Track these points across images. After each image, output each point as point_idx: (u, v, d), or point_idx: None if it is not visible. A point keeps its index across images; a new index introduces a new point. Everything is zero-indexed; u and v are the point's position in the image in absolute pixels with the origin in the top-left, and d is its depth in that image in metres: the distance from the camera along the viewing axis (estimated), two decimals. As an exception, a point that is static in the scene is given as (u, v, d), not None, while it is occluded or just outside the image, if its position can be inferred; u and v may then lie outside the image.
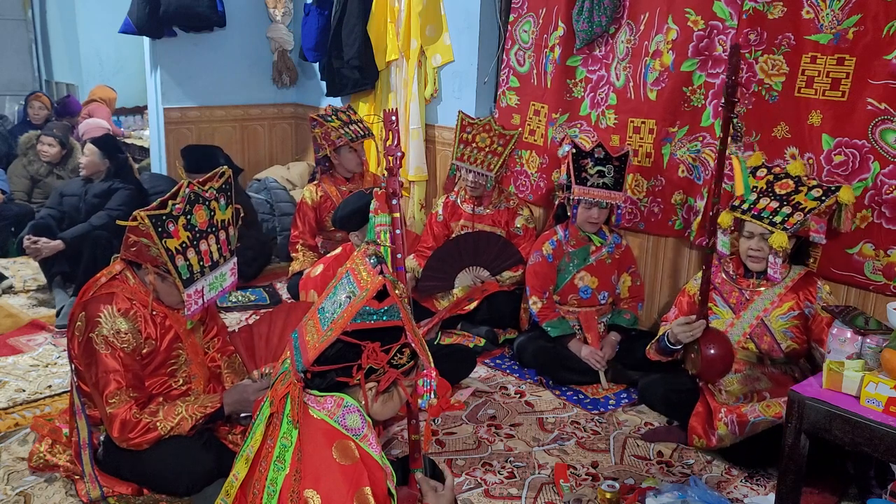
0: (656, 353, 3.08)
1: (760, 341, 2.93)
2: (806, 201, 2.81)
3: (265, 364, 2.82)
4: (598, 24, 3.75)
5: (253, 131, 5.97)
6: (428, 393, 1.67)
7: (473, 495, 2.56)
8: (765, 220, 2.84)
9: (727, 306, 3.00)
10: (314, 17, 5.33)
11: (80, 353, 2.35)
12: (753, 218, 2.86)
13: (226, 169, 2.45)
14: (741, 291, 2.99)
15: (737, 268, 3.02)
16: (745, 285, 2.98)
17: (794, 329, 2.88)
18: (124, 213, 4.09)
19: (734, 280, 3.02)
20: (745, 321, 2.94)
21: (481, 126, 3.97)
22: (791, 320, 2.88)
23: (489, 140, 3.96)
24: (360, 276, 1.66)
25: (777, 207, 2.84)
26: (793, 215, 2.80)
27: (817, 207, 2.79)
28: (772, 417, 2.66)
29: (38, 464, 2.57)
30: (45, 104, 6.57)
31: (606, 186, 3.41)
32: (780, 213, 2.82)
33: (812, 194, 2.83)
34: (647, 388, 3.21)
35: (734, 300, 3.00)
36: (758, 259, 2.89)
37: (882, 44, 2.91)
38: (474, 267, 3.92)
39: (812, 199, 2.81)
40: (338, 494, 1.55)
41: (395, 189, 2.13)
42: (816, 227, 2.82)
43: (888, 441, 1.92)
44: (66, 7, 8.26)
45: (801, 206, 2.81)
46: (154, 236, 2.20)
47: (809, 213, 2.79)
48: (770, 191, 2.90)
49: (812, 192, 2.83)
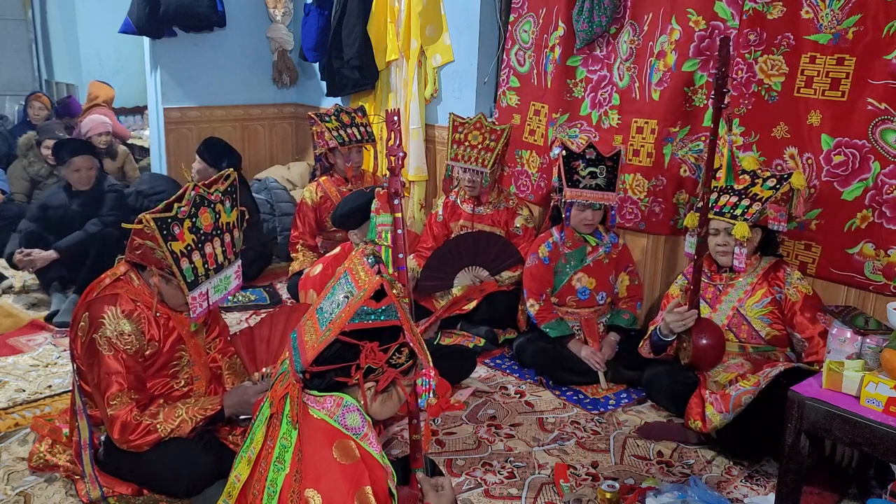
0: (649, 350, 3.18)
1: (739, 331, 3.02)
2: (762, 191, 2.95)
3: (265, 366, 2.82)
4: (598, 24, 3.75)
5: (253, 131, 5.98)
6: (427, 392, 1.67)
7: (473, 495, 2.56)
8: (726, 214, 2.96)
9: (704, 302, 3.10)
10: (314, 17, 5.33)
11: (82, 353, 2.35)
12: (716, 215, 2.98)
13: (231, 172, 2.45)
14: (715, 286, 3.11)
15: (709, 265, 3.13)
16: (719, 280, 3.10)
17: (770, 315, 2.98)
18: (117, 216, 4.09)
19: (708, 277, 3.13)
20: (721, 313, 3.04)
21: (472, 124, 3.96)
22: (766, 307, 2.99)
23: (481, 137, 3.94)
24: (358, 276, 1.66)
25: (736, 201, 2.97)
26: (751, 206, 2.92)
27: (773, 195, 2.92)
28: (751, 387, 2.70)
29: (38, 464, 2.57)
30: (45, 104, 6.56)
31: (599, 188, 3.40)
32: (740, 206, 2.95)
33: (767, 184, 2.96)
34: (651, 380, 3.21)
35: (710, 295, 3.10)
36: (725, 253, 3.00)
37: (882, 44, 2.91)
38: (473, 267, 3.92)
39: (767, 188, 2.95)
40: (338, 494, 1.55)
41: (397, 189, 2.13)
42: (776, 214, 2.95)
43: (888, 441, 1.92)
44: (66, 7, 8.26)
45: (757, 196, 2.94)
46: (159, 239, 2.20)
47: (766, 202, 2.92)
48: (728, 188, 3.02)
49: (767, 182, 2.97)
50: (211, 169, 4.48)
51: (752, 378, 2.74)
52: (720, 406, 2.77)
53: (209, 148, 4.58)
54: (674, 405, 3.10)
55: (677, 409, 3.06)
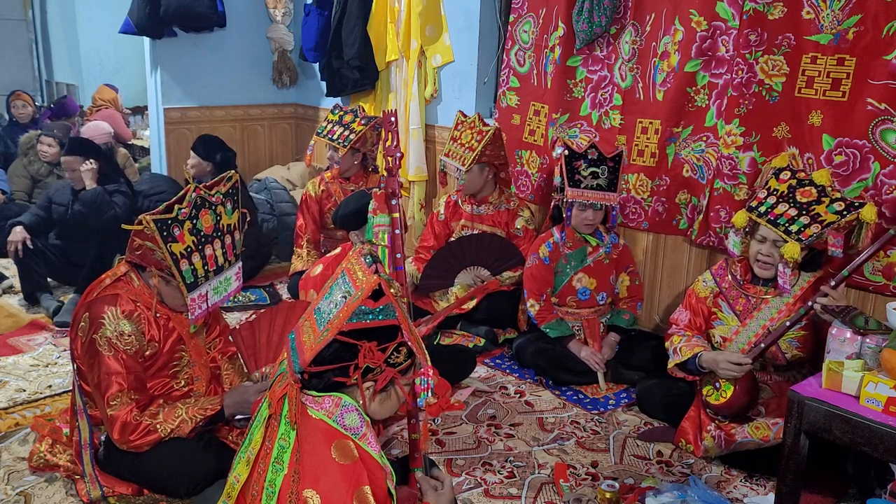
0: (680, 372, 2.97)
1: None
2: (826, 214, 2.66)
3: (266, 363, 2.82)
4: (598, 25, 3.75)
5: (253, 131, 5.98)
6: (425, 391, 1.67)
7: (473, 495, 2.56)
8: (780, 226, 2.71)
9: (733, 313, 2.91)
10: (314, 18, 5.33)
11: (82, 353, 2.34)
12: (769, 223, 2.73)
13: (233, 174, 2.44)
14: (748, 298, 2.88)
15: (744, 273, 2.91)
16: (752, 292, 2.88)
17: (800, 339, 2.80)
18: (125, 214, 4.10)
19: (741, 285, 2.91)
20: (750, 329, 2.85)
21: (468, 123, 3.96)
22: (798, 331, 2.78)
23: (470, 136, 3.90)
24: (356, 276, 1.66)
25: (795, 216, 2.70)
26: (810, 226, 2.66)
27: (837, 222, 2.65)
28: (759, 440, 2.68)
29: (38, 464, 2.57)
30: (27, 101, 6.51)
31: (600, 188, 3.40)
32: (798, 222, 2.68)
33: (833, 207, 2.67)
34: (644, 394, 3.20)
35: (740, 307, 2.89)
36: (767, 266, 2.78)
37: (882, 44, 2.91)
38: (475, 267, 3.92)
39: (833, 212, 2.66)
40: (337, 494, 1.55)
41: (394, 189, 2.13)
42: (834, 241, 2.68)
43: (888, 441, 1.92)
44: (66, 7, 8.27)
45: (820, 217, 2.66)
46: (159, 240, 2.19)
47: (827, 227, 2.65)
48: (791, 196, 2.74)
49: (834, 205, 2.67)
50: (204, 163, 4.51)
51: (763, 428, 2.68)
52: (721, 442, 2.75)
53: (203, 142, 4.61)
54: (668, 417, 3.07)
55: (673, 420, 3.02)
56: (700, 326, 3.00)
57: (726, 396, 2.75)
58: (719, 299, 2.96)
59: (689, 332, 2.97)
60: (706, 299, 2.98)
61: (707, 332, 2.99)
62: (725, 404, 2.76)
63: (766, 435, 2.66)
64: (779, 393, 2.79)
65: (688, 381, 3.00)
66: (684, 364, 2.89)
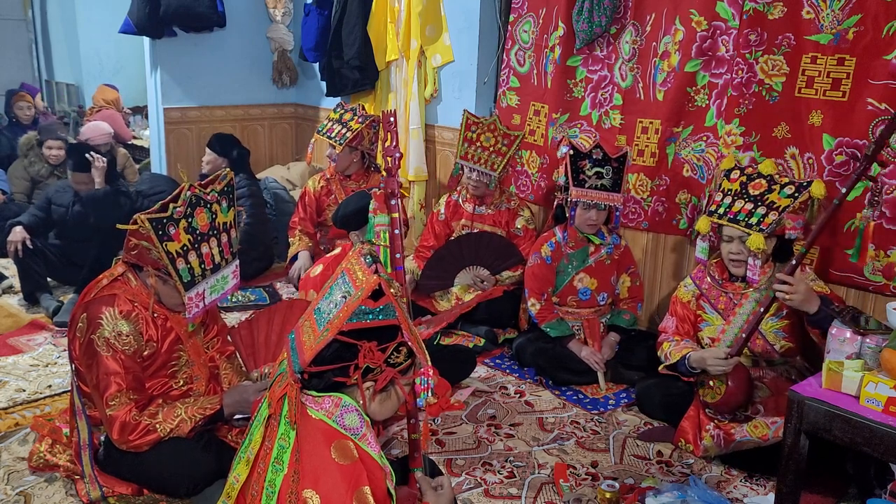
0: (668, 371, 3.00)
1: (753, 345, 2.90)
2: (779, 199, 2.77)
3: (265, 363, 2.82)
4: (598, 25, 3.75)
5: (253, 131, 5.98)
6: (425, 391, 1.67)
7: (473, 495, 2.56)
8: (741, 222, 2.80)
9: (716, 312, 2.98)
10: (314, 17, 5.33)
11: (81, 354, 2.34)
12: (730, 221, 2.82)
13: (228, 171, 2.45)
14: (728, 296, 2.95)
15: (721, 272, 2.99)
16: (732, 289, 2.95)
17: (786, 328, 2.87)
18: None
19: (720, 284, 2.98)
20: (735, 326, 2.89)
21: (486, 126, 3.97)
22: (781, 320, 2.86)
23: (494, 140, 3.95)
24: (356, 276, 1.66)
25: (752, 209, 2.80)
26: (767, 215, 2.76)
27: (791, 205, 2.75)
28: (757, 439, 2.68)
29: (38, 464, 2.57)
30: (30, 102, 6.52)
31: (605, 188, 3.40)
32: (755, 214, 2.78)
33: (785, 192, 2.78)
34: (643, 394, 3.20)
35: (722, 305, 2.97)
36: (740, 263, 2.85)
37: (882, 44, 2.91)
38: (474, 266, 3.92)
39: (785, 196, 2.77)
40: (337, 494, 1.55)
41: (393, 189, 2.13)
42: (793, 223, 2.78)
43: (888, 441, 1.92)
44: (66, 7, 8.27)
45: (774, 205, 2.77)
46: (154, 239, 2.20)
47: (784, 212, 2.75)
48: (744, 192, 2.85)
49: (784, 189, 2.79)
50: (220, 159, 4.61)
51: (761, 427, 2.70)
52: (720, 441, 2.76)
53: (219, 139, 4.69)
54: (667, 417, 3.07)
55: (672, 420, 3.02)
56: (688, 332, 3.05)
57: (721, 393, 2.79)
58: (701, 301, 3.02)
59: (677, 338, 3.02)
60: (689, 303, 3.04)
61: (696, 336, 3.04)
62: (722, 401, 2.78)
63: (765, 434, 2.67)
64: (776, 391, 2.82)
65: (687, 381, 3.00)
66: (675, 367, 2.93)
